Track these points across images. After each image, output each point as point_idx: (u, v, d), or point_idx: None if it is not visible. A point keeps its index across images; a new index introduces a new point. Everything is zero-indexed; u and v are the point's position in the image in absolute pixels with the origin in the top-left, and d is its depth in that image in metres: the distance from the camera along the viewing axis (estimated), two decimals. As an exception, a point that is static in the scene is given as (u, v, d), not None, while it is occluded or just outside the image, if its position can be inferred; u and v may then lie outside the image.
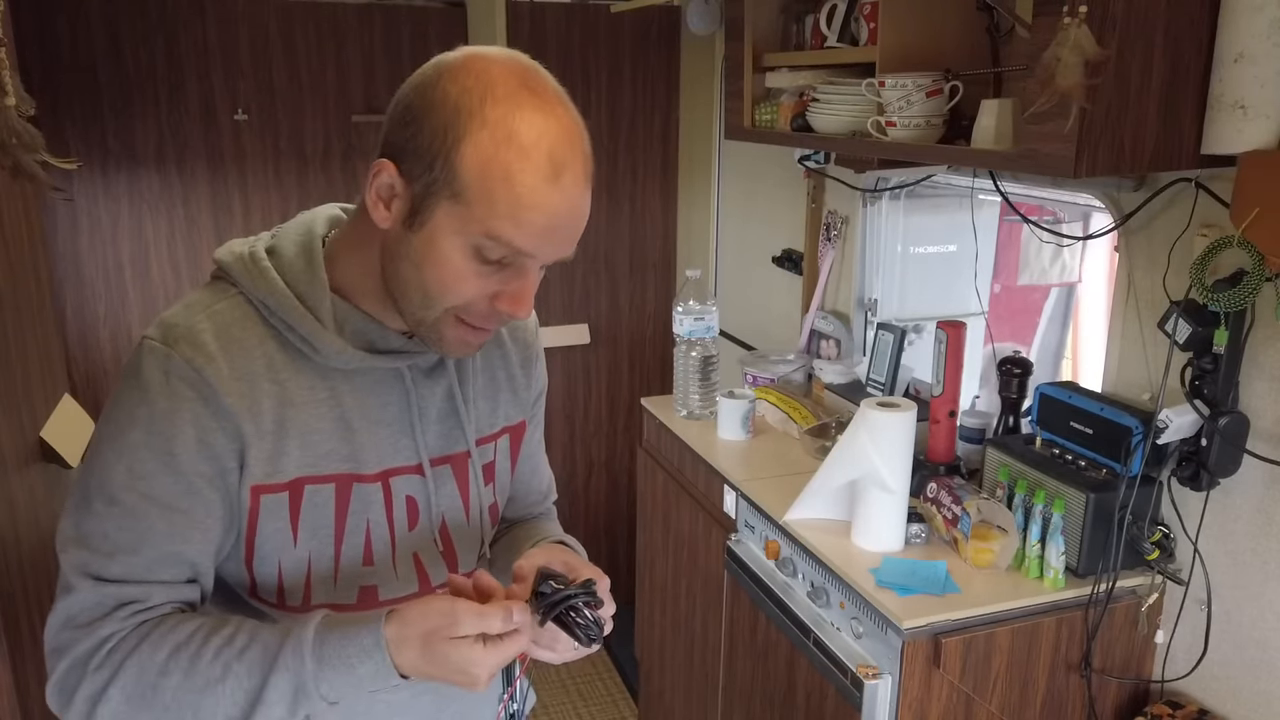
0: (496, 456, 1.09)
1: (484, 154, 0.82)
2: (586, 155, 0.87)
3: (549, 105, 0.84)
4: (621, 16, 3.11)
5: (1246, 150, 1.26)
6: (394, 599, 1.00)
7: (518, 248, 0.84)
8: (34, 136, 1.07)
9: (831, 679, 1.58)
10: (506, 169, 0.82)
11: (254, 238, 0.98)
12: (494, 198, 0.82)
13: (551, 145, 0.83)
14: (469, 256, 0.85)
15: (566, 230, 0.86)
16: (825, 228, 2.43)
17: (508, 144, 0.82)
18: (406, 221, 0.86)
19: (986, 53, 1.65)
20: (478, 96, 0.83)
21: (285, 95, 3.07)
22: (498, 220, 0.83)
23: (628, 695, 3.06)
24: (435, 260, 0.86)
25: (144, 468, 0.87)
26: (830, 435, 1.97)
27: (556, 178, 0.83)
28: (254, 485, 0.91)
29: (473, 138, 0.82)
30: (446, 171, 0.83)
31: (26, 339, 1.35)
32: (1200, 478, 1.44)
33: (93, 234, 3.01)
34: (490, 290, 0.88)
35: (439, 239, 0.85)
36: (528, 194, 0.82)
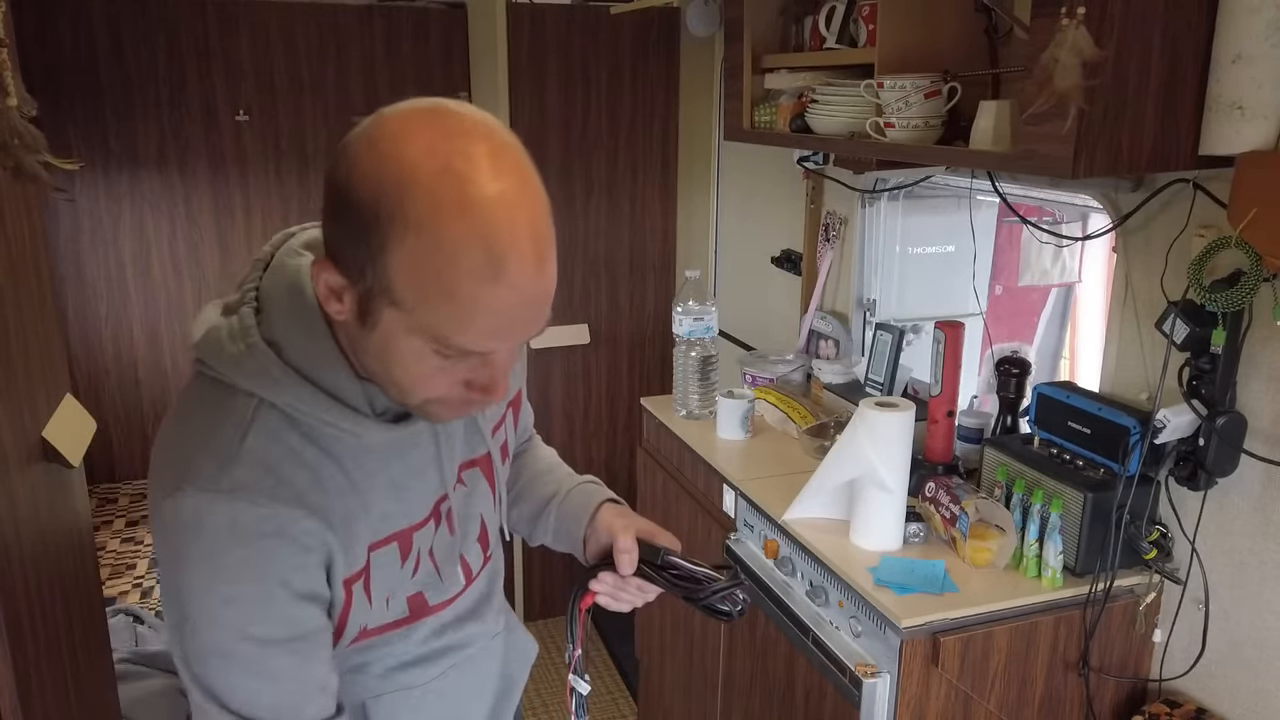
0: (507, 433, 1.12)
1: (413, 263, 0.73)
2: (535, 227, 0.76)
3: (479, 185, 0.73)
4: (621, 18, 3.11)
5: (1244, 151, 1.26)
6: (442, 602, 1.03)
7: (472, 351, 0.79)
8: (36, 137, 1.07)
9: (830, 678, 1.59)
10: (439, 278, 0.73)
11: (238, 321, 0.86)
12: (433, 307, 0.75)
13: (486, 241, 0.73)
14: (428, 355, 0.79)
15: (523, 319, 0.79)
16: (824, 228, 2.43)
17: (436, 250, 0.72)
18: (359, 319, 0.80)
19: (985, 54, 1.66)
20: (395, 195, 0.73)
21: (286, 96, 3.08)
22: (444, 329, 0.76)
23: (628, 694, 3.07)
24: (395, 360, 0.81)
25: (247, 616, 0.83)
26: (829, 435, 1.98)
27: (497, 276, 0.74)
28: (345, 579, 0.90)
29: (397, 245, 0.73)
30: (379, 280, 0.76)
31: (28, 338, 1.36)
32: (1198, 477, 1.45)
33: (94, 234, 3.01)
34: (460, 379, 0.83)
35: (392, 341, 0.79)
36: (469, 301, 0.74)
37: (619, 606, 1.06)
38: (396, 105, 0.78)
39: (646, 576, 1.03)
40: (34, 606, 1.28)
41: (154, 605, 2.52)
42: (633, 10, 2.98)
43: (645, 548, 1.03)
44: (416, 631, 1.02)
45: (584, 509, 1.14)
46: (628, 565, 1.02)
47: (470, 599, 1.09)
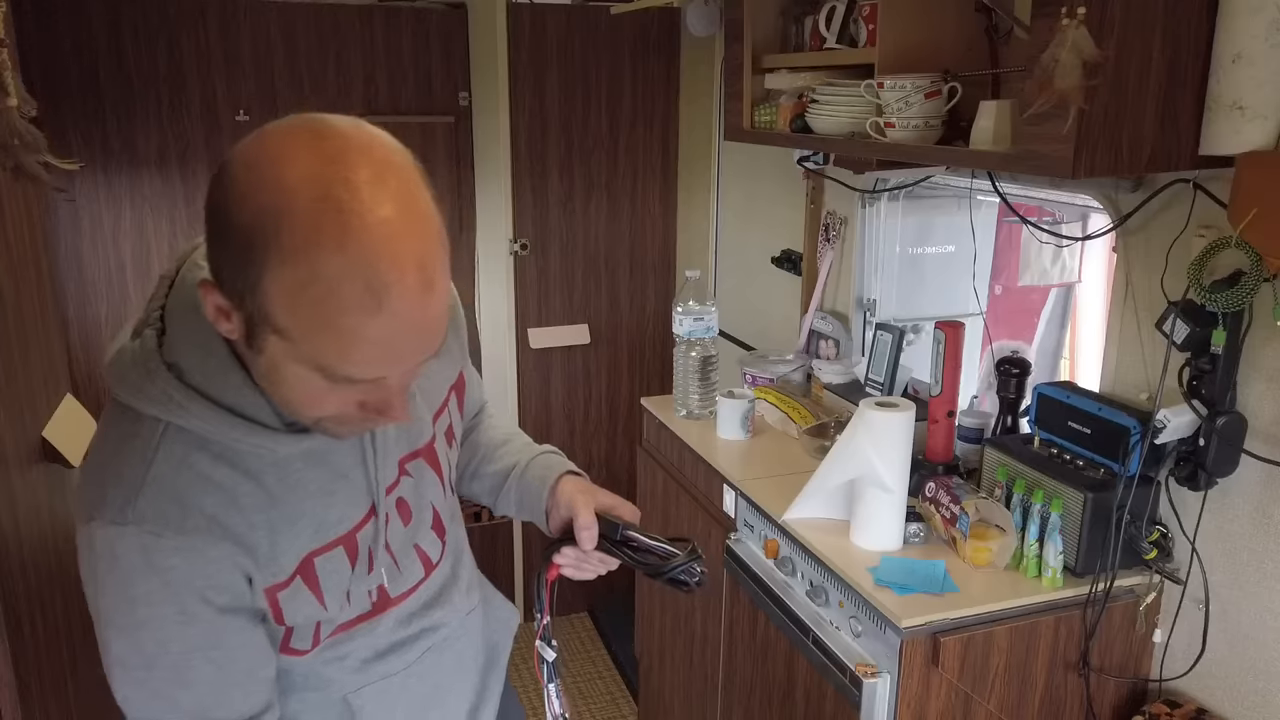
0: (450, 417, 1.11)
1: (290, 294, 0.72)
2: (418, 255, 0.73)
3: (357, 213, 0.70)
4: (621, 18, 3.11)
5: (1244, 151, 1.26)
6: (404, 592, 1.05)
7: (359, 379, 0.77)
8: (36, 137, 1.07)
9: (830, 678, 1.59)
10: (318, 309, 0.72)
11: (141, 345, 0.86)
12: (314, 339, 0.74)
13: (365, 271, 0.70)
14: (316, 379, 0.77)
15: (409, 347, 0.77)
16: (824, 228, 2.43)
17: (314, 282, 0.70)
18: (246, 341, 0.78)
19: (985, 54, 1.66)
20: (272, 224, 0.70)
21: (286, 96, 3.08)
22: (327, 359, 0.75)
23: (628, 694, 3.07)
24: (284, 383, 0.79)
25: (165, 634, 0.86)
26: (829, 435, 1.98)
27: (379, 307, 0.71)
28: (265, 589, 0.90)
29: (272, 274, 0.71)
30: (258, 309, 0.74)
31: (29, 339, 1.36)
32: (1198, 477, 1.45)
33: (94, 234, 3.01)
34: (354, 400, 0.81)
35: (280, 365, 0.78)
36: (350, 332, 0.72)
37: (583, 576, 1.09)
38: (279, 122, 0.75)
39: (607, 551, 1.06)
40: (34, 606, 1.28)
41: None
42: (633, 10, 2.98)
43: (605, 523, 1.06)
44: (382, 623, 1.03)
45: (543, 482, 1.15)
46: (588, 541, 1.05)
47: (434, 585, 1.09)
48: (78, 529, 0.85)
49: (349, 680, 1.04)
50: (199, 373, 0.84)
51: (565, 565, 1.08)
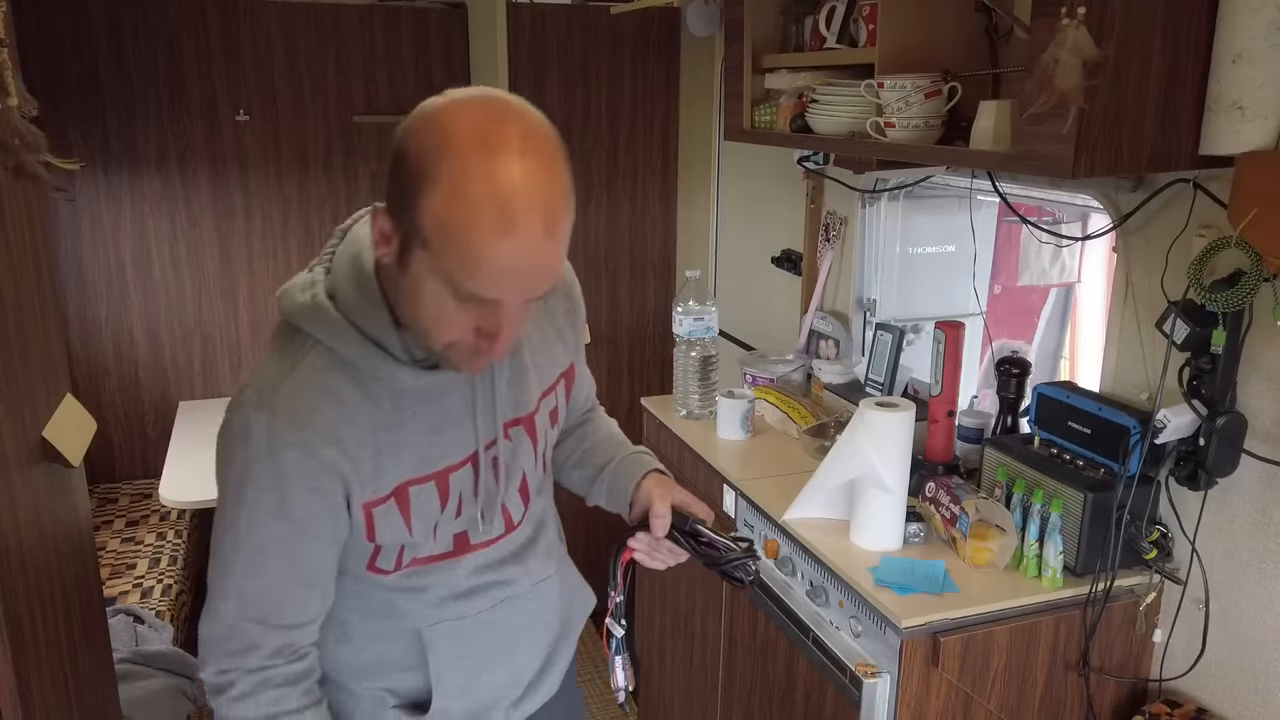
0: (557, 400, 1.23)
1: (439, 210, 0.86)
2: (548, 203, 0.87)
3: (504, 159, 0.85)
4: (621, 18, 3.11)
5: (1244, 151, 1.26)
6: (483, 542, 1.16)
7: (480, 296, 0.89)
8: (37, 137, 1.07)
9: (830, 678, 1.59)
10: (458, 224, 0.85)
11: (311, 277, 1.04)
12: (450, 251, 0.87)
13: (503, 200, 0.84)
14: (447, 297, 0.90)
15: (527, 278, 0.89)
16: (824, 228, 2.43)
17: (460, 200, 0.85)
18: (399, 261, 0.92)
19: (985, 54, 1.66)
20: (435, 152, 0.86)
21: (287, 96, 3.08)
22: (457, 272, 0.88)
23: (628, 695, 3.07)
24: (421, 300, 0.92)
25: (258, 519, 1.00)
26: (829, 435, 1.98)
27: (508, 231, 0.85)
28: (364, 503, 1.03)
29: (429, 193, 0.86)
30: (413, 224, 0.88)
31: (29, 338, 1.36)
32: (1198, 477, 1.45)
33: (94, 234, 3.01)
34: (472, 325, 0.93)
35: (420, 281, 0.91)
36: (478, 249, 0.86)
37: (654, 564, 1.20)
38: (458, 90, 0.92)
39: (675, 540, 1.17)
40: (34, 606, 1.27)
41: (154, 605, 2.52)
42: (633, 10, 2.98)
43: (677, 516, 1.18)
44: (460, 566, 1.14)
45: (631, 477, 1.27)
46: (660, 528, 1.16)
47: (514, 543, 1.20)
48: (225, 416, 1.02)
49: (425, 614, 1.14)
50: (351, 304, 1.00)
51: (638, 550, 1.19)
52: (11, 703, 1.17)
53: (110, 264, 3.05)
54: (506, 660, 1.22)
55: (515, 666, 1.24)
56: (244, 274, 3.18)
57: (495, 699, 1.22)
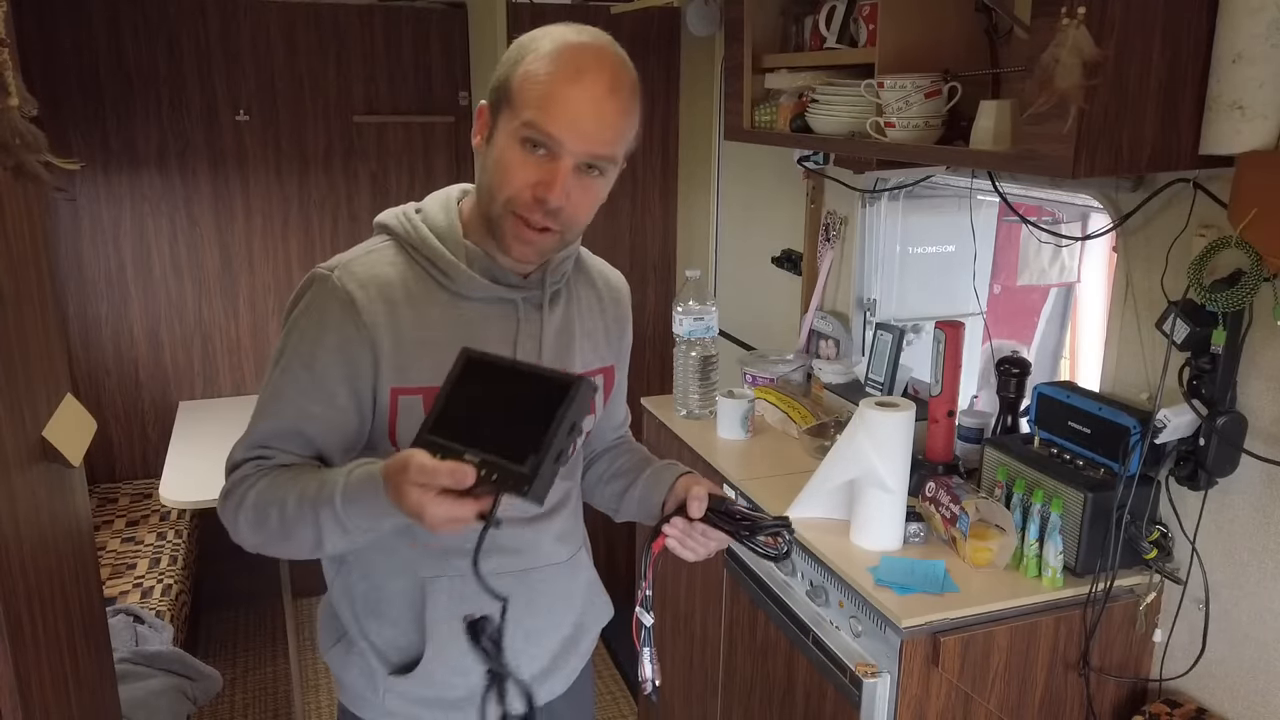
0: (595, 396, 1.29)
1: (526, 70, 1.06)
2: (615, 72, 1.07)
3: (584, 40, 1.07)
4: (621, 18, 3.11)
5: (1244, 151, 1.26)
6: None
7: (547, 131, 1.04)
8: (37, 137, 1.07)
9: (830, 678, 1.59)
10: (538, 73, 1.05)
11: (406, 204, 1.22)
12: (527, 95, 1.05)
13: (576, 56, 1.05)
14: (515, 146, 1.06)
15: (587, 122, 1.05)
16: (824, 228, 2.43)
17: (543, 59, 1.06)
18: (487, 138, 1.11)
19: (985, 54, 1.66)
20: (529, 39, 1.09)
21: (287, 96, 3.08)
22: (530, 110, 1.04)
23: (628, 694, 3.07)
24: (497, 160, 1.09)
25: (292, 361, 1.12)
26: (829, 435, 1.98)
27: (577, 78, 1.05)
28: (392, 387, 1.12)
29: (524, 62, 1.07)
30: (506, 91, 1.08)
31: (29, 338, 1.36)
32: (1198, 477, 1.45)
33: (95, 234, 3.01)
34: (531, 179, 1.06)
35: (499, 141, 1.08)
36: (550, 87, 1.04)
37: (685, 553, 1.20)
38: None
39: (711, 521, 1.18)
40: (34, 606, 1.28)
41: (154, 605, 2.52)
42: (633, 10, 2.98)
43: (713, 499, 1.19)
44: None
45: (665, 481, 1.31)
46: (697, 509, 1.17)
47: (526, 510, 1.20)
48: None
49: (431, 564, 1.19)
50: (436, 218, 1.18)
51: (672, 536, 1.20)
52: (11, 702, 1.17)
53: (110, 264, 3.05)
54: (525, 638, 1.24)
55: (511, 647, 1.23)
56: (244, 274, 3.18)
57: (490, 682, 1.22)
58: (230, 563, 3.38)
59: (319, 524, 1.05)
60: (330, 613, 1.29)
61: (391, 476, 0.95)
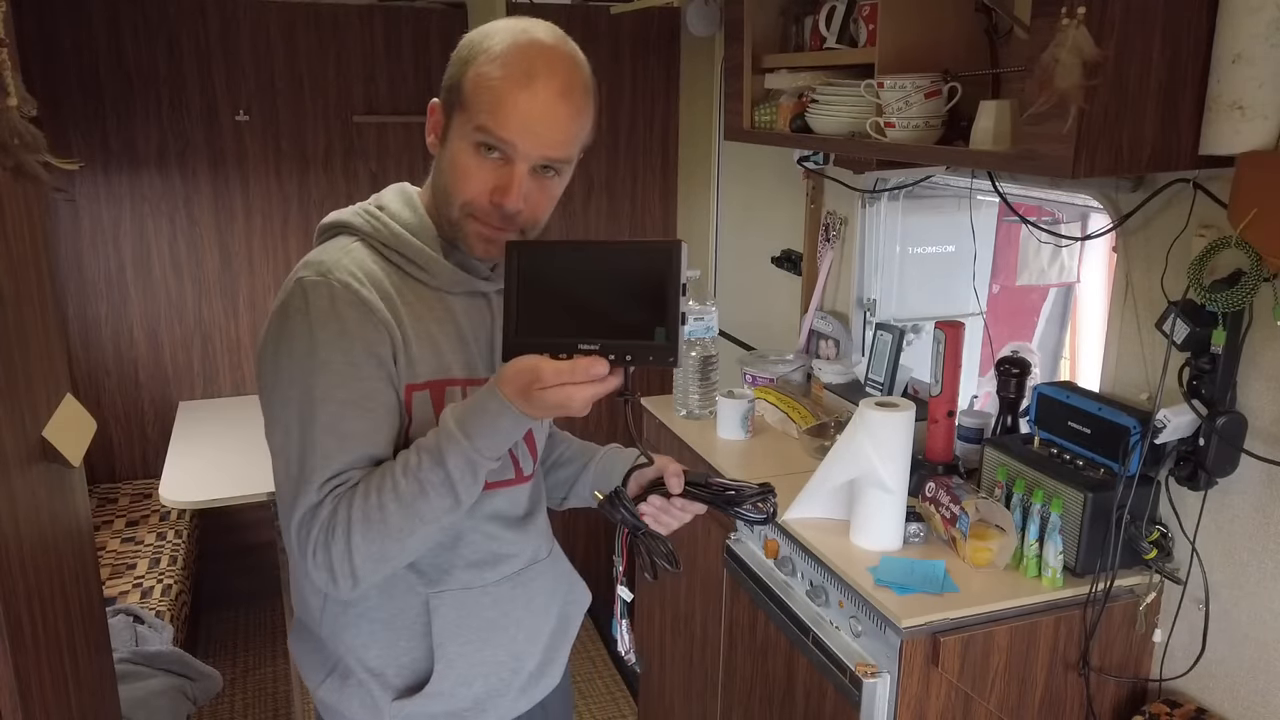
0: None
1: (477, 72, 1.05)
2: (568, 73, 1.06)
3: (536, 40, 1.06)
4: (621, 18, 3.11)
5: (1244, 151, 1.26)
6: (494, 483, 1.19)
7: (500, 136, 1.04)
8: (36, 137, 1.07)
9: (830, 678, 1.59)
10: (489, 77, 1.04)
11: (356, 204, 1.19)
12: (480, 99, 1.05)
13: (529, 61, 1.04)
14: (470, 152, 1.06)
15: (540, 127, 1.05)
16: (824, 228, 2.43)
17: (492, 62, 1.05)
18: (441, 139, 1.11)
19: (985, 54, 1.66)
20: (481, 36, 1.08)
21: (286, 96, 3.08)
22: (483, 115, 1.04)
23: (628, 694, 3.07)
24: (451, 163, 1.09)
25: (333, 379, 1.05)
26: (829, 435, 1.98)
27: (528, 82, 1.04)
28: (406, 384, 1.10)
29: (473, 64, 1.06)
30: (458, 92, 1.07)
31: (29, 338, 1.36)
32: (1198, 477, 1.45)
33: (94, 234, 3.01)
34: (489, 185, 1.07)
35: (453, 144, 1.08)
36: (501, 92, 1.04)
37: (661, 527, 1.22)
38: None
39: (692, 496, 1.19)
40: (34, 606, 1.27)
41: (153, 605, 2.52)
42: (633, 10, 2.98)
43: (691, 473, 1.21)
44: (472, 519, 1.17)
45: (624, 459, 1.35)
46: (677, 485, 1.19)
47: (518, 504, 1.25)
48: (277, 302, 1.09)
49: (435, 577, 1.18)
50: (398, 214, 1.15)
51: (648, 513, 1.21)
52: (11, 703, 1.17)
53: (110, 264, 3.05)
54: (506, 639, 1.24)
55: (514, 647, 1.25)
56: (244, 274, 3.18)
57: (496, 686, 1.23)
58: (230, 563, 3.38)
59: (448, 476, 1.01)
60: (313, 646, 1.24)
61: (520, 390, 0.96)
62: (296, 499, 1.05)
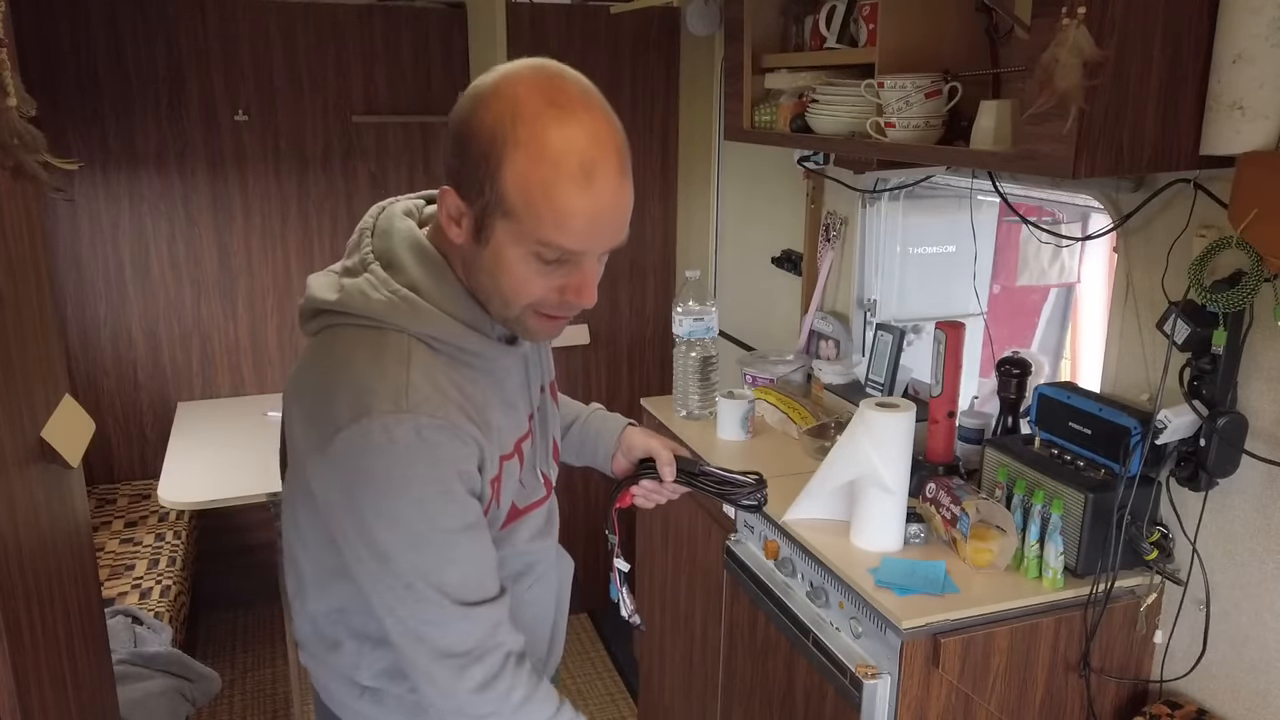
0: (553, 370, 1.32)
1: (521, 174, 0.92)
2: (618, 148, 0.95)
3: (574, 113, 0.93)
4: (621, 18, 3.11)
5: (1245, 151, 1.26)
6: (528, 505, 1.17)
7: (569, 249, 0.95)
8: (35, 137, 1.07)
9: (831, 679, 1.59)
10: (543, 184, 0.92)
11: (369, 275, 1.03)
12: (537, 211, 0.93)
13: (580, 152, 0.92)
14: (530, 261, 0.96)
15: (610, 223, 0.96)
16: (824, 228, 2.43)
17: (540, 160, 0.91)
18: (475, 237, 0.98)
19: (985, 54, 1.66)
20: (509, 121, 0.92)
21: (285, 96, 3.07)
22: (544, 230, 0.93)
23: (628, 695, 3.06)
24: (504, 269, 0.98)
25: (435, 511, 0.98)
26: (829, 435, 1.98)
27: (589, 181, 0.92)
28: (490, 479, 1.06)
29: (509, 161, 0.92)
30: (494, 194, 0.94)
31: (27, 339, 1.35)
32: (1199, 478, 1.45)
33: (93, 234, 3.01)
34: (556, 284, 0.99)
35: (503, 251, 0.97)
36: (565, 202, 0.92)
37: (648, 505, 1.29)
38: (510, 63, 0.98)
39: (684, 483, 1.27)
40: (33, 607, 1.27)
41: (152, 606, 2.52)
42: (633, 10, 2.98)
43: (682, 460, 1.28)
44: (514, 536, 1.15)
45: (610, 431, 1.35)
46: (669, 473, 1.25)
47: (545, 512, 1.23)
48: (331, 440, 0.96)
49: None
50: (435, 292, 1.02)
51: (639, 494, 1.27)
52: (10, 704, 1.17)
53: (109, 264, 3.04)
54: (534, 639, 1.25)
55: (537, 643, 1.27)
56: (243, 274, 3.18)
57: None
58: (229, 564, 3.38)
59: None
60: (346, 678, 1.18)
61: None
62: (427, 644, 1.01)
